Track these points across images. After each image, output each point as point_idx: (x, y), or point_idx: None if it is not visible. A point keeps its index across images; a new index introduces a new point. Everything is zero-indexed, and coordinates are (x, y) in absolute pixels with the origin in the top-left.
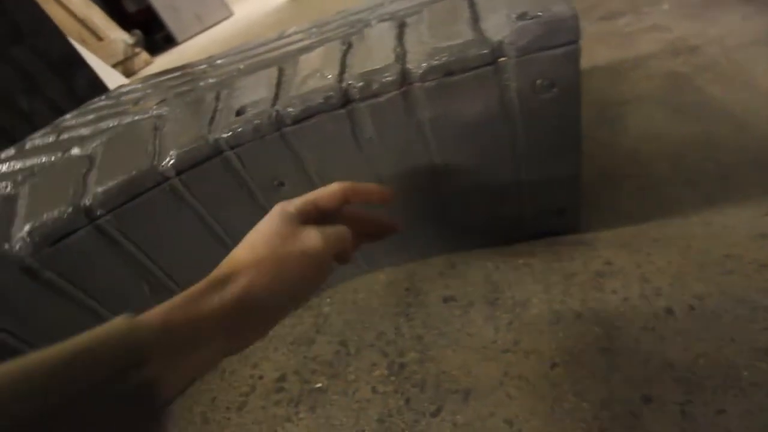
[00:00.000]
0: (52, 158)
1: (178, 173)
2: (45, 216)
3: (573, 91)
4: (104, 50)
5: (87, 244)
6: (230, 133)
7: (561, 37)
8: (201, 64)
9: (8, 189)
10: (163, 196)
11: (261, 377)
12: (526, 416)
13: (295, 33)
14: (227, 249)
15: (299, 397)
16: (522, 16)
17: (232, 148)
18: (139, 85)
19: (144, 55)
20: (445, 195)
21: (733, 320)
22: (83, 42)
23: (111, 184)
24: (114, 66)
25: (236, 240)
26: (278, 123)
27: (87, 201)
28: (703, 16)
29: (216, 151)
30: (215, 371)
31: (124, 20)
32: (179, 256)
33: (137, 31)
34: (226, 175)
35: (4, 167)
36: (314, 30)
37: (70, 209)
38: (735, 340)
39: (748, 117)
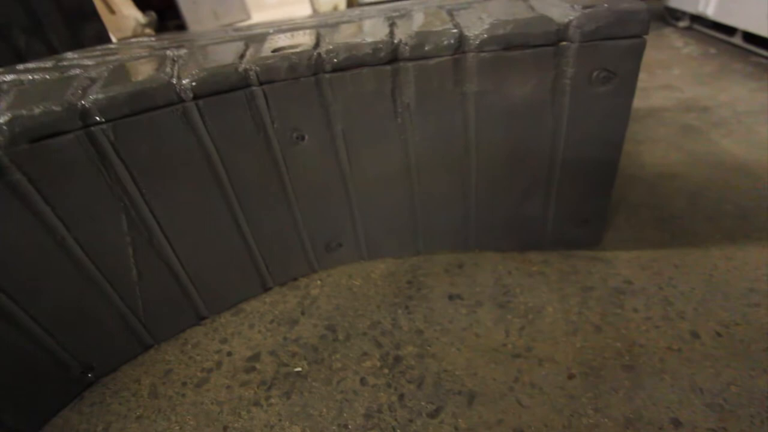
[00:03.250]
0: (47, 76)
1: (196, 97)
2: (32, 109)
3: (630, 86)
4: (114, 24)
5: (73, 152)
6: (263, 66)
7: (630, 29)
8: (223, 30)
9: None
10: (172, 120)
11: (230, 354)
12: (540, 427)
13: (330, 15)
14: (226, 197)
15: (273, 381)
16: (588, 7)
17: (261, 83)
18: (153, 38)
19: None
20: (471, 183)
21: (763, 351)
22: None
23: (117, 89)
24: (119, 41)
25: (238, 192)
26: (317, 66)
27: (85, 102)
28: (713, 84)
29: (243, 82)
30: (175, 341)
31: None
32: (172, 194)
33: (152, 13)
34: (246, 114)
35: None
36: (351, 14)
37: (62, 107)
38: None
39: (762, 171)
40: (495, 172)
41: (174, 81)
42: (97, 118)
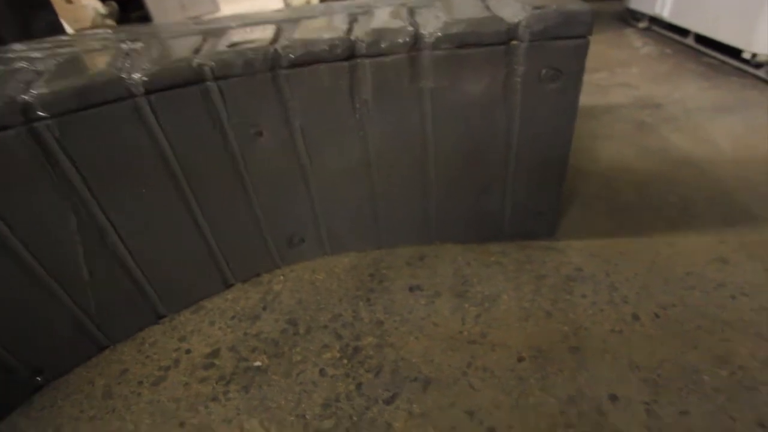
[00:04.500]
0: None
1: (148, 92)
2: None
3: (576, 84)
4: (71, 14)
5: (15, 149)
6: (218, 61)
7: (574, 29)
8: (184, 22)
9: None
10: (123, 116)
11: (188, 351)
12: (489, 408)
13: (298, 10)
14: (182, 194)
15: (232, 376)
16: (538, 8)
17: (216, 79)
18: (109, 30)
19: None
20: (430, 178)
21: (695, 330)
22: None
23: (62, 84)
24: (76, 32)
25: (196, 189)
26: (273, 62)
27: (27, 97)
28: (667, 82)
29: (197, 77)
30: (131, 341)
31: None
32: (125, 193)
33: (113, 3)
34: (201, 110)
35: None
36: (317, 9)
37: (1, 101)
38: (697, 347)
39: (706, 164)
40: (453, 167)
41: (124, 75)
42: (41, 113)
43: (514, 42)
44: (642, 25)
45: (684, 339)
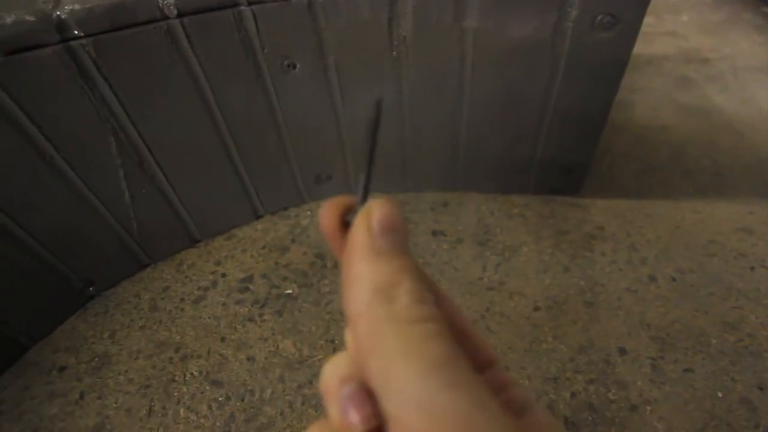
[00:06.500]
0: None
1: (181, 15)
2: (3, 17)
3: (631, 36)
4: None
5: (54, 68)
6: None
7: None
8: None
9: None
10: (156, 39)
11: (224, 275)
12: (504, 349)
13: None
14: (215, 124)
15: (265, 300)
16: None
17: (250, 3)
18: None
19: None
20: (462, 122)
21: (709, 295)
22: None
23: (94, 1)
24: None
25: (228, 119)
26: None
27: (60, 13)
28: (718, 34)
29: (231, 1)
30: (171, 261)
31: None
32: (159, 118)
33: None
34: (235, 36)
35: None
36: None
37: (35, 17)
38: (708, 312)
39: (746, 129)
40: (487, 113)
41: None
42: (76, 32)
43: None
44: None
45: (697, 303)
